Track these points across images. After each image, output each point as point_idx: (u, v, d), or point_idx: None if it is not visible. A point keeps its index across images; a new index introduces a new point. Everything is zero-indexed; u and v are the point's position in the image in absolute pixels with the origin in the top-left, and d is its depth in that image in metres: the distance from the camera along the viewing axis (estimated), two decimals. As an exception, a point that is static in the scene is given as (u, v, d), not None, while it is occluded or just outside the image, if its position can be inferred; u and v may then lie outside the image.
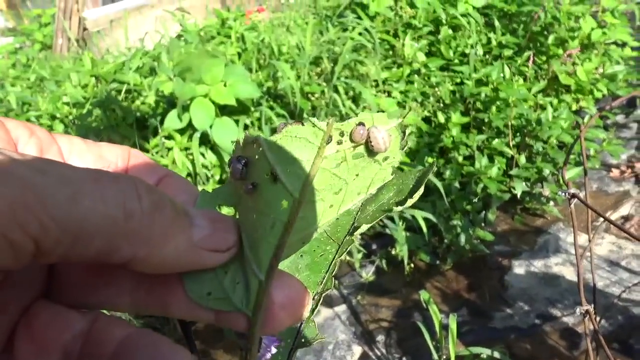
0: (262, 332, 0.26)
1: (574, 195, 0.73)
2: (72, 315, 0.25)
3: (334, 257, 0.29)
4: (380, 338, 1.70)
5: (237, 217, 0.28)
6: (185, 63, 1.93)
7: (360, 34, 2.33)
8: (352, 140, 0.26)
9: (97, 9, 4.28)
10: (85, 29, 4.06)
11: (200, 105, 1.85)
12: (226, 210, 0.29)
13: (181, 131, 1.95)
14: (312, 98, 2.08)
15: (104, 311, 0.27)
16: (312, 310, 0.29)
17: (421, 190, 0.28)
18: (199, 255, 0.25)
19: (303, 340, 0.28)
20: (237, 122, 1.94)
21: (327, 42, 2.34)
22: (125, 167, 0.29)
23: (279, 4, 3.89)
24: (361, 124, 0.26)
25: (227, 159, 1.89)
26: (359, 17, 2.53)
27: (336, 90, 2.13)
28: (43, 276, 0.26)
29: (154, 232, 0.22)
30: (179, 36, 2.86)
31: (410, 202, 0.28)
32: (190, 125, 1.90)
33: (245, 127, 2.04)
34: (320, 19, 2.71)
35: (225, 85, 1.88)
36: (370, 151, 0.27)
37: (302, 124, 0.26)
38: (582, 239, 1.97)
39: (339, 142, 0.26)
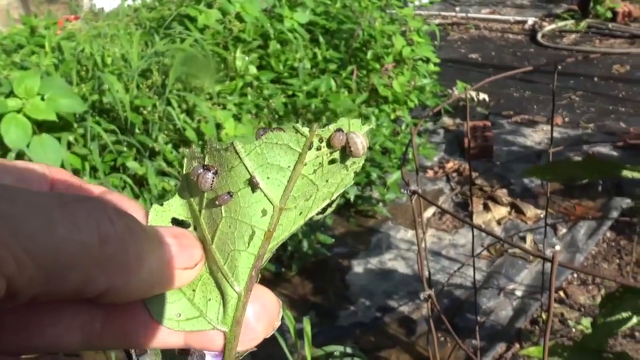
0: (240, 347, 0.25)
1: (414, 192, 0.81)
2: None
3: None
4: (233, 353, 1.67)
5: (197, 230, 0.27)
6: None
7: (191, 45, 2.29)
8: (329, 146, 0.27)
9: None
10: None
11: (13, 121, 1.64)
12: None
13: (-11, 151, 1.71)
14: (144, 112, 1.98)
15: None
16: None
17: (339, 196, 0.29)
18: (171, 276, 0.23)
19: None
20: (59, 139, 1.77)
21: (155, 53, 2.25)
22: (50, 187, 0.26)
23: (93, 13, 3.63)
24: (339, 129, 0.27)
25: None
26: (187, 29, 2.48)
27: (169, 104, 2.06)
28: None
29: (129, 257, 0.20)
30: (-25, 45, 2.50)
31: (330, 210, 0.29)
32: (0, 144, 1.67)
33: (69, 144, 1.86)
34: (145, 30, 2.59)
35: (42, 99, 1.70)
36: (345, 156, 0.27)
37: (283, 130, 0.26)
38: (409, 234, 2.18)
39: (318, 148, 0.27)
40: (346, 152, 0.27)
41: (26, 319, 0.22)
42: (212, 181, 0.26)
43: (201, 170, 0.26)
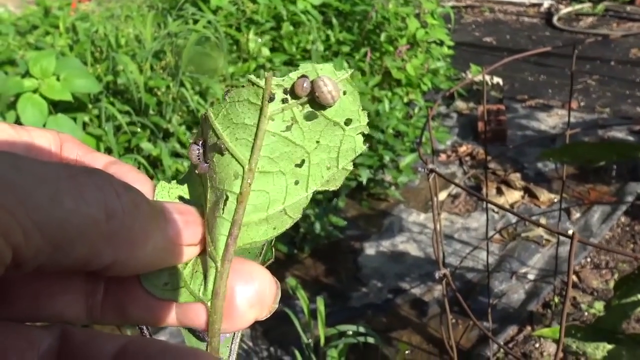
0: (227, 328, 0.25)
1: (432, 170, 0.80)
2: (34, 332, 0.22)
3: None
4: (246, 332, 1.69)
5: (202, 204, 0.26)
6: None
7: (204, 27, 2.28)
8: (295, 96, 0.24)
9: None
10: None
11: (30, 101, 1.66)
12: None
13: (6, 131, 1.72)
14: (158, 93, 1.99)
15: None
16: None
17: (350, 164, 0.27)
18: (175, 252, 0.23)
19: None
20: (74, 119, 1.78)
21: (169, 35, 2.25)
22: (59, 155, 0.26)
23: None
24: (304, 76, 0.24)
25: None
26: (200, 10, 2.47)
27: (182, 85, 2.06)
28: None
29: (135, 232, 0.20)
30: (-11, 26, 2.51)
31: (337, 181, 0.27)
32: (17, 123, 1.69)
33: (84, 125, 1.87)
34: (158, 12, 2.59)
35: (58, 79, 1.71)
36: (320, 107, 0.25)
37: (243, 86, 0.24)
38: (421, 217, 2.18)
39: (284, 101, 0.25)
40: (316, 102, 0.24)
41: (38, 288, 0.23)
42: (198, 153, 0.25)
43: (192, 145, 0.26)
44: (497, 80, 3.15)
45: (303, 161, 0.25)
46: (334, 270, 1.95)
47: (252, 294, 0.25)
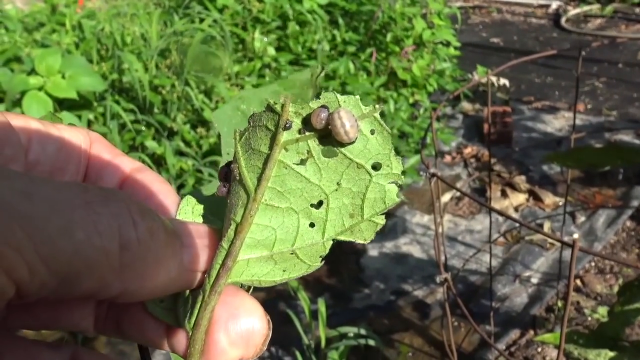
0: None
1: (433, 174, 0.80)
2: (44, 354, 0.22)
3: None
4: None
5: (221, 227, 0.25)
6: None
7: (209, 26, 2.28)
8: (312, 128, 0.23)
9: None
10: None
11: (35, 99, 1.67)
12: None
13: (11, 129, 1.73)
14: (163, 92, 1.99)
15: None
16: None
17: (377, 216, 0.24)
18: (187, 279, 0.22)
19: None
20: (79, 117, 1.79)
21: (174, 33, 2.25)
22: (88, 156, 0.26)
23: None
24: (323, 106, 0.22)
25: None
26: (207, 9, 2.48)
27: (187, 84, 2.06)
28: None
29: (148, 262, 0.20)
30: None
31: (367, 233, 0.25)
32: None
33: (89, 123, 1.88)
34: (164, 10, 2.59)
35: (63, 77, 1.71)
36: (339, 143, 0.23)
37: (264, 110, 0.23)
38: (425, 219, 2.17)
39: (301, 131, 0.23)
40: (333, 137, 0.22)
41: (58, 300, 0.23)
42: (224, 174, 0.25)
43: (224, 165, 0.25)
44: (503, 81, 3.13)
45: (320, 202, 0.24)
46: (337, 271, 1.95)
47: (236, 331, 0.23)
